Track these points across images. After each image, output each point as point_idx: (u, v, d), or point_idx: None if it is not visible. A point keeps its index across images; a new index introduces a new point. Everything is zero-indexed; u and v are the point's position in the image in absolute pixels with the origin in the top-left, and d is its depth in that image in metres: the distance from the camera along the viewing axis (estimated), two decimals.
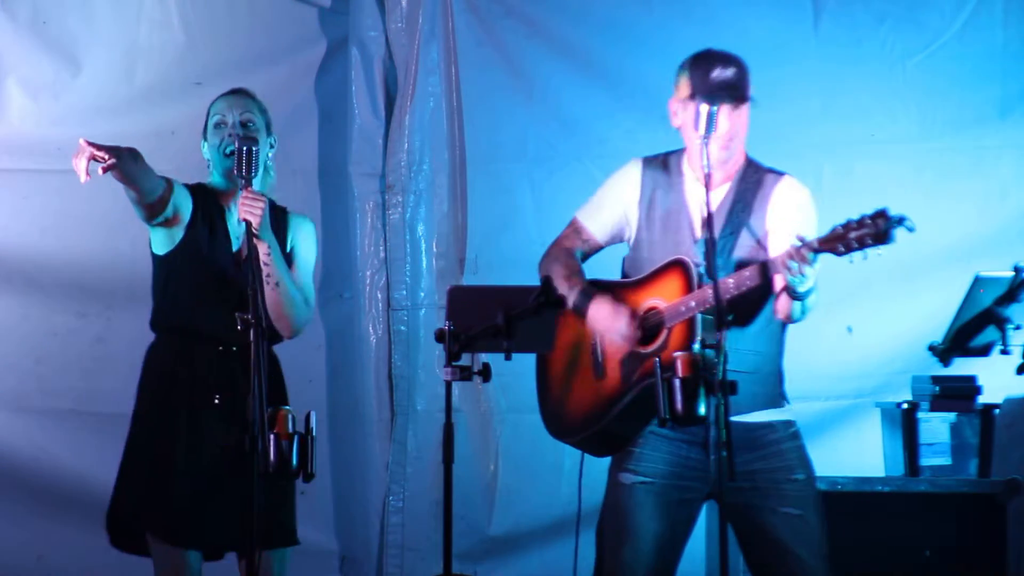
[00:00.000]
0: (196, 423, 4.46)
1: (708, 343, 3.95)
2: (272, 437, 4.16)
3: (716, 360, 3.88)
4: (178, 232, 4.53)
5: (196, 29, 6.09)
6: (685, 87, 4.21)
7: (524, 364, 4.46)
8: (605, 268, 4.39)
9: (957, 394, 5.65)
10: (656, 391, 3.97)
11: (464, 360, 4.29)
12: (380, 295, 6.19)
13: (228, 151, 4.50)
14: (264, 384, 4.10)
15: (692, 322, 4.04)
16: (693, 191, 4.23)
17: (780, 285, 4.06)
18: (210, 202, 4.59)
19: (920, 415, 5.66)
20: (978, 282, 5.53)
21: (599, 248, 4.39)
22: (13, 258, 6.02)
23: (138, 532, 4.50)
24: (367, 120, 6.18)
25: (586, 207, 4.39)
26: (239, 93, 4.65)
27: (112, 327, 6.02)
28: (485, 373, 4.30)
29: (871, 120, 6.14)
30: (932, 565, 5.38)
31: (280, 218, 4.66)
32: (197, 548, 4.44)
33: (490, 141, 6.20)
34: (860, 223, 3.84)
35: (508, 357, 4.25)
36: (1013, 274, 5.50)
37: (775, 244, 4.15)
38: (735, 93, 4.12)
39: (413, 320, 6.18)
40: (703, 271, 4.08)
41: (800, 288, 3.97)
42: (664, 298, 4.14)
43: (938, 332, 5.60)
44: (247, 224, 4.32)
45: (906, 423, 5.67)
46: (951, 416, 5.70)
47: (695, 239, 4.15)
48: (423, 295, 6.20)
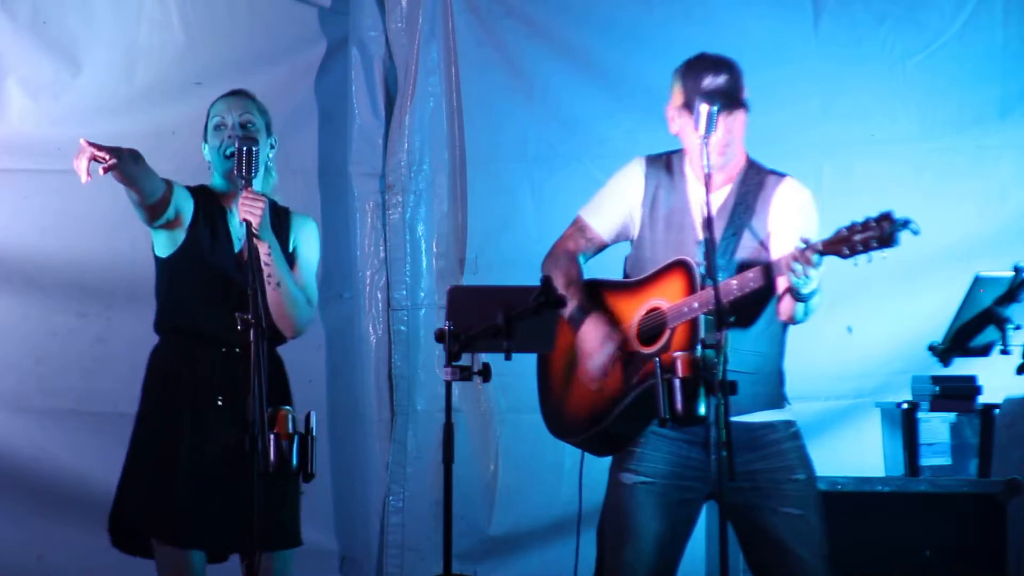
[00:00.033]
0: (200, 424, 4.45)
1: (708, 343, 3.95)
2: (272, 437, 4.16)
3: (716, 360, 3.88)
4: (180, 234, 4.53)
5: (196, 29, 6.09)
6: (679, 95, 4.21)
7: (524, 364, 4.46)
8: (606, 268, 4.39)
9: (957, 394, 5.65)
10: (656, 391, 3.97)
11: (464, 360, 4.28)
12: (380, 295, 6.19)
13: (228, 153, 4.50)
14: (264, 384, 4.10)
15: (695, 323, 4.04)
16: (695, 192, 4.22)
17: (783, 287, 4.05)
18: (211, 204, 4.59)
19: (920, 415, 5.66)
20: (978, 282, 5.53)
21: (604, 246, 4.37)
22: (13, 258, 6.01)
23: (141, 534, 4.49)
24: (367, 120, 6.17)
25: (590, 205, 4.38)
26: (238, 94, 4.64)
27: (112, 327, 6.02)
28: (485, 373, 4.30)
29: (871, 120, 6.13)
30: (932, 565, 5.38)
31: (282, 218, 4.66)
32: (200, 548, 4.44)
33: (490, 141, 6.20)
34: (865, 225, 3.83)
35: (508, 357, 4.25)
36: (1013, 274, 5.50)
37: (777, 245, 4.14)
38: (728, 99, 4.11)
39: (413, 320, 6.18)
40: (705, 272, 4.08)
41: (804, 290, 3.97)
42: (667, 298, 4.14)
43: (938, 332, 5.60)
44: (247, 224, 4.32)
45: (906, 423, 5.67)
46: (951, 416, 5.70)
47: (698, 240, 4.14)
48: (423, 295, 6.20)
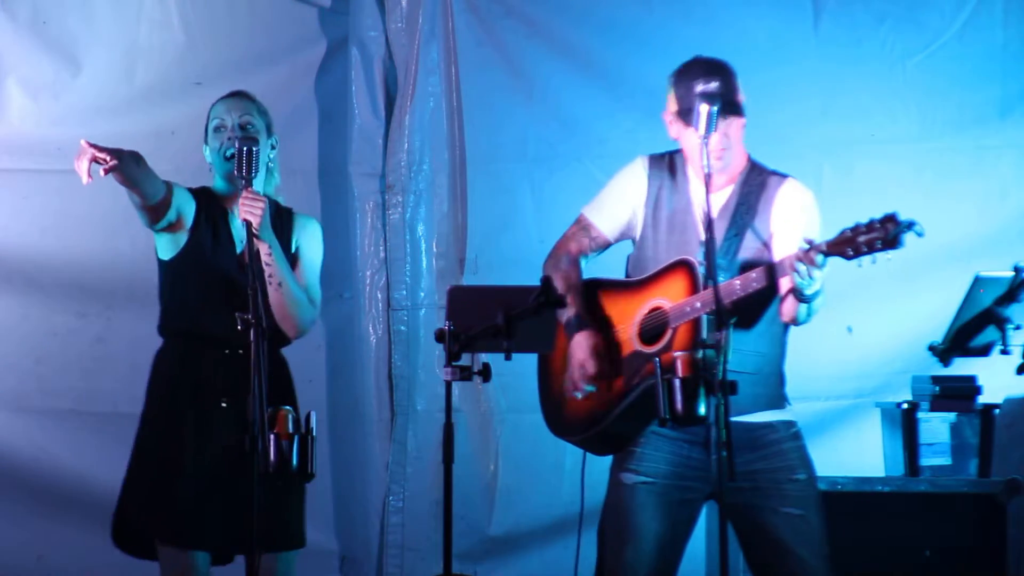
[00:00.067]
0: (204, 426, 4.45)
1: (708, 343, 3.95)
2: (272, 437, 4.16)
3: (717, 360, 3.88)
4: (182, 237, 4.53)
5: (196, 29, 6.09)
6: (672, 102, 4.21)
7: (524, 364, 4.46)
8: (608, 267, 4.39)
9: (957, 394, 5.65)
10: (656, 391, 3.97)
11: (464, 360, 4.29)
12: (380, 295, 6.19)
13: (228, 154, 4.49)
14: (264, 384, 4.09)
15: (697, 323, 4.04)
16: (697, 192, 4.21)
17: (786, 287, 4.05)
18: (213, 206, 4.59)
19: (920, 415, 5.66)
20: (978, 282, 5.53)
21: (607, 245, 4.37)
22: (13, 258, 6.01)
23: (145, 536, 4.48)
24: (367, 120, 6.17)
25: (593, 204, 4.38)
26: (238, 96, 4.64)
27: (112, 327, 6.02)
28: (485, 373, 4.30)
29: (871, 120, 6.13)
30: (932, 565, 5.38)
31: (285, 218, 4.66)
32: (204, 549, 4.44)
33: (490, 141, 6.19)
34: (869, 227, 3.82)
35: (508, 357, 4.25)
36: (1013, 274, 5.49)
37: (780, 246, 4.14)
38: (722, 104, 4.07)
39: (413, 320, 6.18)
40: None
41: (807, 291, 3.97)
42: (669, 298, 4.14)
43: (938, 332, 5.60)
44: (247, 224, 4.31)
45: (906, 423, 5.66)
46: (951, 416, 5.70)
47: (700, 240, 4.13)
48: (423, 295, 6.19)
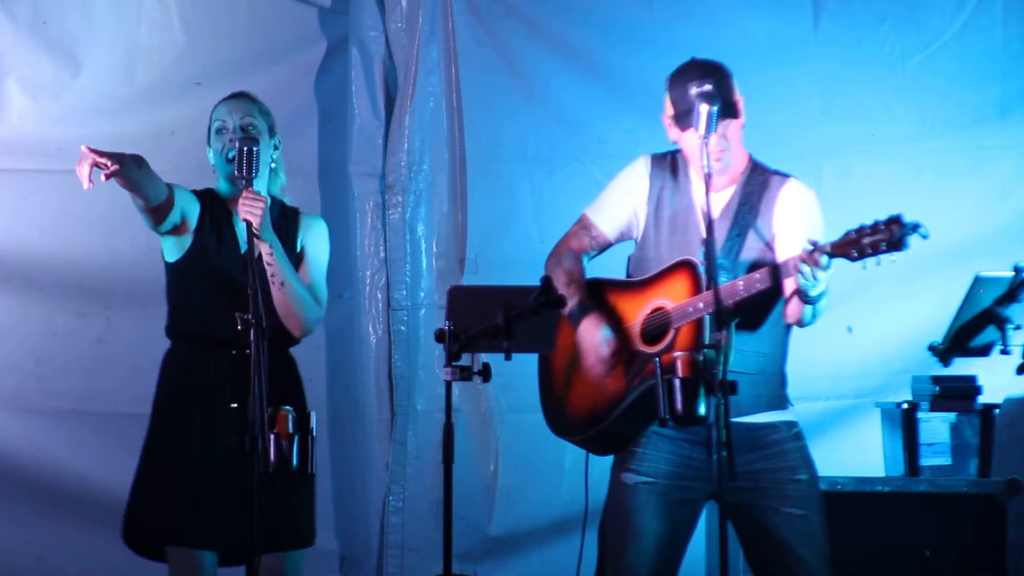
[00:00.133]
0: (213, 427, 4.44)
1: (708, 343, 3.94)
2: (272, 437, 4.15)
3: (717, 360, 3.88)
4: (187, 239, 4.53)
5: (196, 29, 6.09)
6: (668, 106, 4.21)
7: (524, 364, 4.46)
8: (609, 267, 4.39)
9: (957, 394, 5.65)
10: (656, 391, 3.97)
11: (464, 360, 4.29)
12: (380, 295, 6.19)
13: (230, 156, 4.49)
14: (265, 384, 4.08)
15: (699, 323, 4.03)
16: (699, 192, 4.20)
17: (790, 289, 4.04)
18: (217, 207, 4.59)
19: (920, 415, 5.66)
20: (978, 282, 5.53)
21: (608, 245, 4.37)
22: (13, 258, 6.01)
23: (155, 537, 4.48)
24: (367, 120, 6.17)
25: (595, 204, 4.38)
26: (240, 97, 4.64)
27: (112, 327, 6.02)
28: (485, 373, 4.30)
29: (871, 120, 6.13)
30: (932, 565, 5.38)
31: (290, 218, 4.67)
32: (211, 549, 4.43)
33: (490, 141, 6.19)
34: (874, 228, 3.81)
35: (508, 357, 4.25)
36: (1013, 274, 5.49)
37: (782, 246, 4.14)
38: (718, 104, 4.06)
39: (413, 320, 6.18)
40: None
41: (812, 292, 3.96)
42: (671, 298, 4.14)
43: (938, 332, 5.60)
44: (248, 224, 4.31)
45: (906, 423, 5.66)
46: (951, 416, 5.70)
47: (702, 240, 4.11)
48: (423, 295, 6.19)
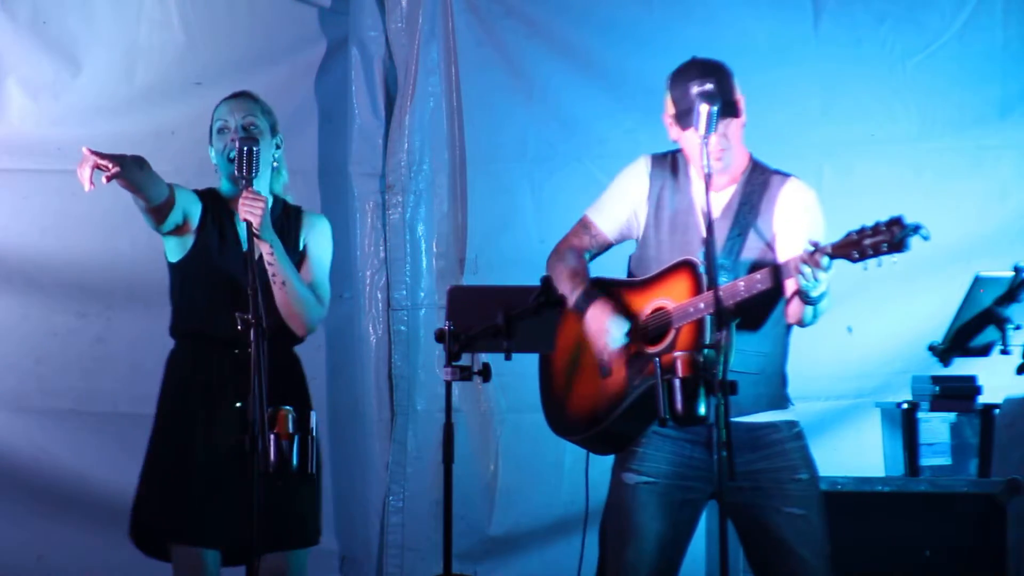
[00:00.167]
0: (217, 426, 4.44)
1: (708, 343, 3.94)
2: (272, 437, 4.15)
3: (717, 360, 3.87)
4: (189, 239, 4.54)
5: (196, 29, 6.09)
6: (669, 105, 4.21)
7: (524, 364, 4.46)
8: (609, 268, 4.39)
9: (957, 394, 5.65)
10: (656, 391, 3.97)
11: (464, 360, 4.29)
12: (380, 295, 6.19)
13: (231, 156, 4.48)
14: (265, 384, 4.08)
15: (700, 323, 4.03)
16: (700, 192, 4.19)
17: (791, 289, 4.03)
18: (219, 207, 4.59)
19: (920, 415, 5.66)
20: (978, 282, 5.53)
21: (609, 245, 4.37)
22: (13, 258, 6.01)
23: (159, 536, 4.48)
24: (367, 120, 6.17)
25: (596, 204, 4.37)
26: (242, 96, 4.64)
27: (112, 327, 6.02)
28: (485, 373, 4.30)
29: (871, 120, 6.13)
30: (932, 565, 5.38)
31: (293, 217, 4.67)
32: (214, 548, 4.43)
33: (490, 141, 6.19)
34: (875, 230, 3.80)
35: (508, 357, 4.25)
36: (1013, 274, 5.50)
37: (783, 246, 4.13)
38: (719, 105, 4.05)
39: (413, 320, 6.18)
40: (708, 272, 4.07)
41: (813, 293, 3.95)
42: (672, 298, 4.13)
43: (938, 332, 5.60)
44: (248, 224, 4.31)
45: (906, 423, 5.67)
46: (951, 416, 5.70)
47: (703, 240, 4.11)
48: (423, 295, 6.19)
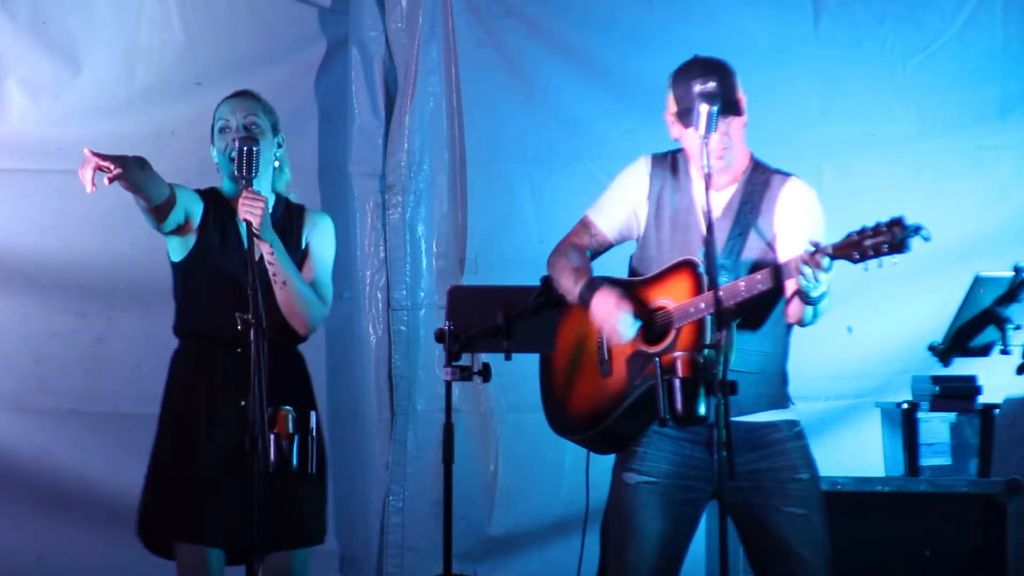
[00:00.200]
0: (221, 426, 4.43)
1: (708, 343, 3.94)
2: (272, 437, 4.15)
3: (717, 360, 3.87)
4: (191, 238, 4.53)
5: (196, 29, 6.09)
6: (672, 103, 4.21)
7: (524, 364, 4.46)
8: (609, 268, 4.39)
9: (957, 394, 5.65)
10: (656, 391, 3.97)
11: (464, 360, 4.29)
12: (380, 295, 6.19)
13: (232, 155, 4.48)
14: (265, 383, 4.08)
15: (701, 323, 4.03)
16: (700, 191, 4.17)
17: (792, 289, 4.03)
18: (221, 206, 4.59)
19: (920, 415, 5.66)
20: (978, 282, 5.53)
21: (609, 245, 4.36)
22: (13, 258, 6.01)
23: (164, 535, 4.48)
24: (367, 120, 6.17)
25: (596, 204, 4.37)
26: (243, 96, 4.63)
27: (112, 327, 6.02)
28: (485, 373, 4.30)
29: (871, 120, 6.13)
30: (932, 565, 5.38)
31: (295, 216, 4.66)
32: (218, 546, 4.43)
33: (490, 141, 6.20)
34: (876, 230, 3.80)
35: (508, 357, 4.25)
36: (1013, 274, 5.50)
37: (784, 246, 4.13)
38: (720, 104, 4.05)
39: (413, 320, 6.18)
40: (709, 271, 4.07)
41: (814, 293, 3.94)
42: (673, 298, 4.13)
43: (938, 332, 5.60)
44: (248, 224, 4.31)
45: (906, 423, 5.67)
46: (951, 416, 5.70)
47: (704, 239, 4.11)
48: (423, 295, 6.20)
